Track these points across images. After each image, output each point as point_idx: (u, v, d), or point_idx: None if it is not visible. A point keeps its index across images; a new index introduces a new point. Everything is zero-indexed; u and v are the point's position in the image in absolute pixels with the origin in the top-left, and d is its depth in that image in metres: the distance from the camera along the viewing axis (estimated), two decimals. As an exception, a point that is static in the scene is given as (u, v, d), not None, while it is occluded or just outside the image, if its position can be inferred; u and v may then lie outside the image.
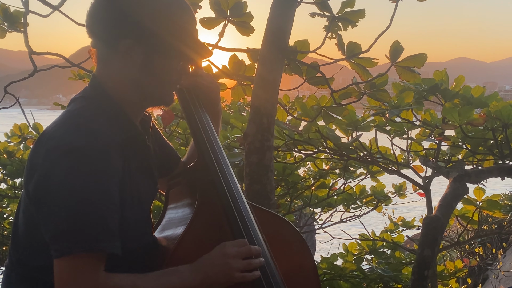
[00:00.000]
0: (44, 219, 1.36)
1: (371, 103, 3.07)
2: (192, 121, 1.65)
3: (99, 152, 1.35)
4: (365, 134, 3.25)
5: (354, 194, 4.01)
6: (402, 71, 2.56)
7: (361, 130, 3.17)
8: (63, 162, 1.33)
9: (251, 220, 1.57)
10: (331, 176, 3.86)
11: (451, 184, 1.86)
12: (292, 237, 1.74)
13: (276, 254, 1.61)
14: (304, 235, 9.47)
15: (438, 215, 1.71)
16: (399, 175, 3.23)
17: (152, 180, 1.60)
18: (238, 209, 1.56)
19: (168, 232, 1.59)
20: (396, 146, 3.15)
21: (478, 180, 2.12)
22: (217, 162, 1.59)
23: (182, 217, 1.60)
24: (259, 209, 1.70)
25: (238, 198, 1.57)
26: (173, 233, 1.55)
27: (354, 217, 4.10)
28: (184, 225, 1.54)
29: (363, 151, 3.35)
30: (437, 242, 1.67)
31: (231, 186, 1.57)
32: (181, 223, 1.57)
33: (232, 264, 1.47)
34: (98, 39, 1.49)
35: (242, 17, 2.74)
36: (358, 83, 2.70)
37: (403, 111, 3.09)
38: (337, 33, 2.66)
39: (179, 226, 1.56)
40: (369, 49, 2.51)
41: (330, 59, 2.65)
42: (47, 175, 1.35)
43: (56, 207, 1.33)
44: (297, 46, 2.74)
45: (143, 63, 1.47)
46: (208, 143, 1.61)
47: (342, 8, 2.65)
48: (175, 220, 1.62)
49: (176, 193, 1.70)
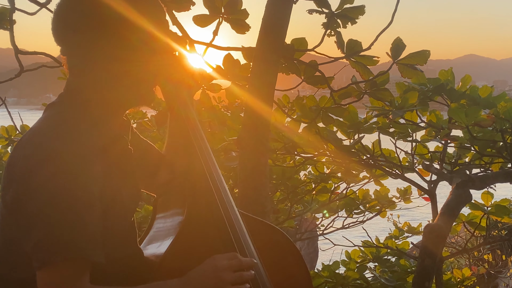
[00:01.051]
0: (24, 229, 1.35)
1: (373, 104, 3.03)
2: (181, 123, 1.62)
3: (78, 158, 1.35)
4: (368, 136, 3.21)
5: (357, 199, 3.97)
6: (404, 68, 2.52)
7: (363, 132, 3.13)
8: (42, 170, 1.32)
9: (243, 231, 1.56)
10: (333, 180, 3.82)
11: (453, 190, 1.81)
12: (285, 247, 1.72)
13: (269, 266, 1.60)
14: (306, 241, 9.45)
15: (439, 224, 1.66)
16: (403, 179, 3.17)
17: (135, 184, 1.58)
18: (229, 219, 1.55)
19: (156, 244, 1.57)
20: (400, 149, 3.09)
21: (483, 186, 2.07)
22: (207, 170, 1.56)
23: (171, 227, 1.58)
24: (251, 219, 1.69)
25: (229, 208, 1.55)
26: (161, 245, 1.54)
27: (357, 223, 4.05)
28: (172, 236, 1.52)
29: (365, 154, 3.30)
30: (438, 252, 1.63)
31: (221, 195, 1.56)
32: (169, 234, 1.55)
33: (223, 277, 1.46)
34: (69, 46, 1.47)
35: (237, 14, 2.70)
36: (358, 82, 2.66)
37: (408, 112, 3.04)
38: (336, 30, 2.62)
39: (167, 237, 1.55)
40: (370, 46, 2.47)
41: (329, 58, 2.61)
42: (26, 184, 1.34)
43: (36, 216, 1.32)
44: (294, 44, 2.70)
45: (118, 65, 1.45)
46: (198, 148, 1.59)
47: (341, 4, 2.61)
48: (163, 230, 1.60)
49: (164, 202, 1.67)
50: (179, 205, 1.61)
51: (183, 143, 1.64)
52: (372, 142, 3.27)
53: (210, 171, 1.58)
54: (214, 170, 1.58)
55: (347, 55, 2.55)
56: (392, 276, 3.55)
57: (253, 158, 2.35)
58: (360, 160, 3.35)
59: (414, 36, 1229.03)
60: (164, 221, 1.63)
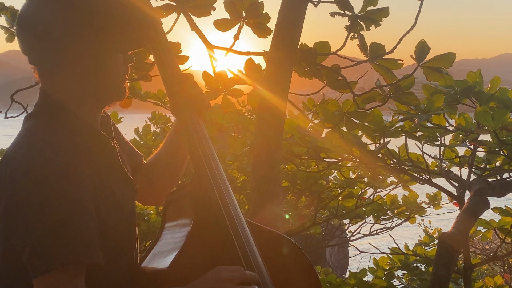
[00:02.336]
0: (18, 240, 1.40)
1: (399, 108, 3.06)
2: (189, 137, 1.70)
3: (63, 165, 1.41)
4: (394, 141, 3.24)
5: (385, 205, 3.99)
6: (429, 72, 2.55)
7: (389, 136, 3.15)
8: (28, 182, 1.39)
9: (250, 243, 1.59)
10: (359, 185, 3.85)
11: (470, 198, 1.84)
12: (295, 257, 1.75)
13: (277, 276, 1.62)
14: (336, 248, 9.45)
15: (454, 232, 1.69)
16: (430, 185, 3.20)
17: (127, 180, 1.65)
18: (236, 230, 1.58)
19: (163, 254, 1.62)
20: (426, 154, 3.11)
21: (503, 193, 2.09)
22: (213, 180, 1.61)
23: (178, 238, 1.63)
24: (260, 229, 1.71)
25: (236, 218, 1.59)
26: (167, 256, 1.58)
27: (385, 229, 4.08)
28: (179, 247, 1.56)
29: (392, 159, 3.33)
30: (453, 261, 1.65)
31: (228, 206, 1.60)
32: (176, 245, 1.60)
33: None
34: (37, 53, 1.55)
35: (258, 18, 2.76)
36: (382, 86, 2.69)
37: (435, 115, 3.07)
38: (359, 33, 2.66)
39: (173, 248, 1.59)
40: (393, 49, 2.51)
41: (352, 61, 2.65)
42: (14, 198, 1.41)
43: (28, 226, 1.38)
44: (317, 48, 2.75)
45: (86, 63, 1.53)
46: (204, 159, 1.65)
47: (365, 6, 2.65)
48: (171, 240, 1.65)
49: (174, 211, 1.73)
50: (188, 215, 1.66)
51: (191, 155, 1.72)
52: (398, 147, 3.30)
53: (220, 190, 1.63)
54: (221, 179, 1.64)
55: (370, 59, 2.59)
56: (421, 284, 3.57)
57: (266, 166, 2.40)
58: (387, 165, 3.38)
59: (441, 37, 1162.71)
60: (172, 231, 1.68)
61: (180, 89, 1.73)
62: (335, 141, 3.17)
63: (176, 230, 1.67)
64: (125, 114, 4.56)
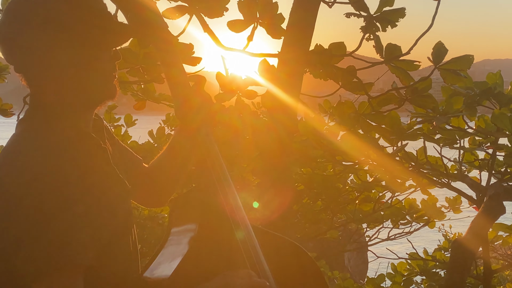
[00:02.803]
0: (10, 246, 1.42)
1: (417, 110, 3.04)
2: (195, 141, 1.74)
3: (53, 169, 1.43)
4: (412, 144, 3.22)
5: (403, 209, 3.98)
6: (446, 74, 2.53)
7: (406, 138, 3.14)
8: (18, 186, 1.41)
9: (256, 248, 1.59)
10: (377, 188, 3.84)
11: (485, 203, 1.83)
12: (303, 264, 1.75)
13: (284, 283, 1.62)
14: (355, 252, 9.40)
15: (468, 237, 1.68)
16: (449, 188, 3.18)
17: (119, 181, 1.67)
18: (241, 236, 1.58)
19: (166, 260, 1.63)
20: (444, 157, 3.10)
21: (520, 197, 2.07)
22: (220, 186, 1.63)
23: (181, 244, 1.64)
24: (268, 235, 1.72)
25: (242, 223, 1.60)
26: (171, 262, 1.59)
27: (403, 234, 4.06)
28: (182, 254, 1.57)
29: (409, 162, 3.31)
30: (466, 267, 1.64)
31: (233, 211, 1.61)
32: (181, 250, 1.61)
33: None
34: (23, 61, 1.57)
35: (273, 19, 2.77)
36: (397, 88, 2.68)
37: (454, 117, 3.05)
38: (375, 34, 2.65)
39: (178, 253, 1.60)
40: (409, 51, 2.50)
41: (367, 62, 2.65)
42: (5, 203, 1.42)
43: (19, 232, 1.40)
44: (332, 49, 2.75)
45: (73, 67, 1.56)
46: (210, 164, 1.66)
47: (381, 7, 2.64)
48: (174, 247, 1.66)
49: (178, 216, 1.74)
50: (192, 221, 1.67)
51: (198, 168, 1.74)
52: (416, 150, 3.29)
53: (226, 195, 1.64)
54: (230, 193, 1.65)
55: (386, 60, 2.58)
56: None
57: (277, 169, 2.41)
58: (405, 168, 3.36)
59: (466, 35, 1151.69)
60: (177, 237, 1.69)
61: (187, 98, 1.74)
62: (351, 143, 3.16)
63: (181, 236, 1.68)
64: (139, 116, 4.59)
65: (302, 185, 3.69)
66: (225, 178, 1.66)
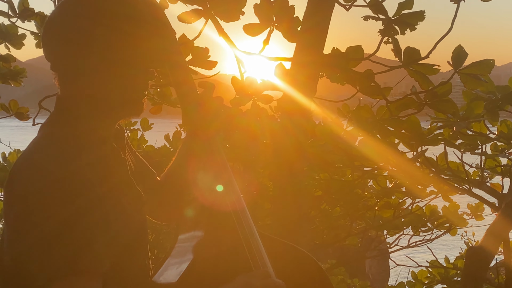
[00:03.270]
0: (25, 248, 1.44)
1: (437, 114, 3.03)
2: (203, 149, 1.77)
3: (72, 175, 1.46)
4: (433, 149, 3.21)
5: (424, 215, 3.95)
6: (467, 79, 2.52)
7: (427, 144, 3.13)
8: (38, 193, 1.44)
9: (261, 254, 1.61)
10: (397, 195, 3.82)
11: (501, 210, 1.82)
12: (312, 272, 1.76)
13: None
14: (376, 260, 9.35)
15: (482, 246, 1.67)
16: (470, 195, 3.16)
17: (136, 192, 1.69)
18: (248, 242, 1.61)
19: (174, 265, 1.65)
20: (465, 163, 3.08)
21: (538, 205, 2.05)
22: None
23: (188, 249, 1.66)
24: (276, 242, 1.75)
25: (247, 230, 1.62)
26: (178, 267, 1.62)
27: (424, 241, 4.04)
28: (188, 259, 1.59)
29: (430, 168, 3.30)
30: (481, 275, 1.64)
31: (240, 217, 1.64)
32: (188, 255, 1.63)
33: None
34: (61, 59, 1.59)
35: (289, 22, 2.78)
36: (417, 92, 2.68)
37: (476, 123, 3.03)
38: (393, 37, 2.65)
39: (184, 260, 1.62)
40: (428, 55, 2.49)
41: (385, 66, 2.65)
42: (24, 206, 1.45)
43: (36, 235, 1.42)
44: (350, 52, 2.75)
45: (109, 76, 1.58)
46: None
47: (399, 10, 2.64)
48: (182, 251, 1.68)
49: (186, 222, 1.77)
50: (199, 226, 1.70)
51: None
52: (436, 155, 3.27)
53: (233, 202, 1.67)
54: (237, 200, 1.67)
55: (405, 64, 2.58)
56: (461, 299, 3.53)
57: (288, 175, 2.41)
58: (425, 174, 3.35)
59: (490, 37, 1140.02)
60: (185, 242, 1.72)
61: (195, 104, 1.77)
62: (370, 148, 3.16)
63: (189, 241, 1.70)
64: (155, 120, 4.62)
65: (320, 191, 3.69)
66: (232, 184, 1.69)
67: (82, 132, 1.59)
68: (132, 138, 4.55)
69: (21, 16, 3.36)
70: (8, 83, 3.72)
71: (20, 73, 3.69)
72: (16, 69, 3.69)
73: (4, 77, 3.62)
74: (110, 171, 1.59)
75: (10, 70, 3.64)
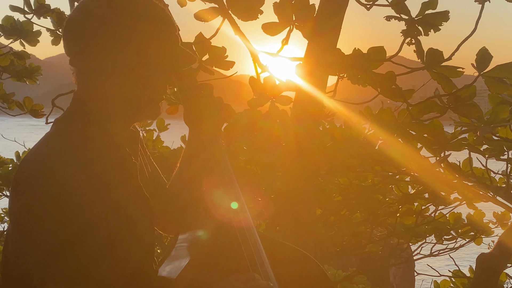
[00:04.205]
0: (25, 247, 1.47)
1: (462, 119, 3.03)
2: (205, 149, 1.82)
3: (68, 176, 1.48)
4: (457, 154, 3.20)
5: (448, 223, 3.94)
6: (491, 82, 2.52)
7: (450, 149, 3.12)
8: (40, 191, 1.46)
9: (260, 254, 1.64)
10: (419, 201, 3.82)
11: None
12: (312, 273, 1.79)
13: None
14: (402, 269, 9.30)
15: (494, 253, 1.68)
16: (494, 202, 3.15)
17: (143, 198, 1.71)
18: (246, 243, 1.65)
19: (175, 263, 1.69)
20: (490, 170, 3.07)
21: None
22: None
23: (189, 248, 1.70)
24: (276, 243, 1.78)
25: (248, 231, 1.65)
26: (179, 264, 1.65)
27: (446, 250, 4.03)
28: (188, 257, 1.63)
29: (454, 174, 3.29)
30: (492, 284, 1.64)
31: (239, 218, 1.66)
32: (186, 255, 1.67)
33: None
34: (81, 54, 1.62)
35: (310, 21, 2.80)
36: (439, 95, 2.68)
37: (502, 127, 3.02)
38: (416, 38, 2.66)
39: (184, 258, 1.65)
40: (451, 56, 2.50)
41: (407, 68, 2.66)
42: (27, 205, 1.48)
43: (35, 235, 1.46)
44: (371, 53, 2.76)
45: (129, 76, 1.61)
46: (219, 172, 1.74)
47: (423, 10, 2.64)
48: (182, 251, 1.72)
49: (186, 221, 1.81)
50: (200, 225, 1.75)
51: None
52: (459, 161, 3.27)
53: None
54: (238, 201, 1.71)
55: (427, 66, 2.59)
56: (485, 311, 3.51)
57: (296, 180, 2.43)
58: (449, 180, 3.34)
59: None
60: (184, 242, 1.76)
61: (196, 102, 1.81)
62: (391, 153, 3.17)
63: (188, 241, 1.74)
64: (171, 121, 4.66)
65: (339, 196, 3.70)
66: (233, 185, 1.73)
67: (95, 134, 1.61)
68: (148, 139, 4.59)
69: (37, 12, 3.41)
70: (24, 81, 3.78)
71: (35, 71, 3.75)
72: (31, 66, 3.74)
73: (19, 75, 3.67)
74: (119, 180, 1.61)
75: (25, 67, 3.70)
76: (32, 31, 3.49)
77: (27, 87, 4.08)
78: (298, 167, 3.57)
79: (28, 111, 3.68)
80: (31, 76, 3.73)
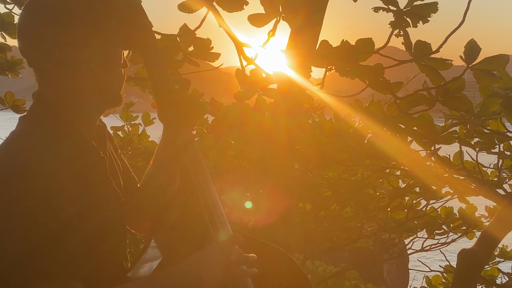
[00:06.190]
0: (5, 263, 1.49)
1: (452, 112, 3.06)
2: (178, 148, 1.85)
3: (43, 174, 1.50)
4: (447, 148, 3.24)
5: (439, 218, 3.98)
6: (480, 75, 2.55)
7: (440, 142, 3.15)
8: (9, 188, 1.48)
9: None
10: (410, 195, 3.85)
11: (499, 211, 1.85)
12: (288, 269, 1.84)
13: None
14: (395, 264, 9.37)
15: (475, 249, 1.71)
16: (485, 197, 3.19)
17: (113, 192, 1.74)
18: None
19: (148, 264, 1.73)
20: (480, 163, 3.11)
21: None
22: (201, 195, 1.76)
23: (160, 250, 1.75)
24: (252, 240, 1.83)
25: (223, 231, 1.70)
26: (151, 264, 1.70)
27: (438, 245, 4.07)
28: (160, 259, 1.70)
29: (444, 168, 3.33)
30: (472, 280, 1.67)
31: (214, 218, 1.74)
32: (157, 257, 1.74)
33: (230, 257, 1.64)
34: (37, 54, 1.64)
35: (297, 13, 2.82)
36: (428, 88, 2.71)
37: (493, 120, 3.06)
38: (405, 30, 2.68)
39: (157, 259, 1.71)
40: (439, 49, 2.52)
41: (395, 60, 2.68)
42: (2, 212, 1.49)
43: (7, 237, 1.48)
44: (359, 45, 2.78)
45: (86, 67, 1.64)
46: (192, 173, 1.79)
47: (411, 1, 2.67)
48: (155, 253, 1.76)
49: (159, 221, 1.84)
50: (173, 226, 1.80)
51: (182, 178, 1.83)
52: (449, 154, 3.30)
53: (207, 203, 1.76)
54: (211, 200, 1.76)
55: (415, 58, 2.61)
56: (477, 306, 3.56)
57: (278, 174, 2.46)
58: (439, 174, 3.38)
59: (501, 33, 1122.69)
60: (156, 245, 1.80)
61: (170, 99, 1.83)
62: (380, 146, 3.20)
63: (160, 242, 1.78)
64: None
65: (329, 191, 3.73)
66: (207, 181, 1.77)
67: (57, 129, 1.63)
68: (133, 133, 4.61)
69: (18, 3, 3.40)
70: (5, 75, 3.78)
71: (17, 64, 3.74)
72: (13, 59, 3.73)
73: (1, 68, 3.67)
74: (89, 177, 1.63)
75: (7, 60, 3.69)
76: (14, 23, 3.48)
77: (8, 81, 4.08)
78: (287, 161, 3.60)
79: (10, 106, 3.67)
80: (13, 69, 3.72)
